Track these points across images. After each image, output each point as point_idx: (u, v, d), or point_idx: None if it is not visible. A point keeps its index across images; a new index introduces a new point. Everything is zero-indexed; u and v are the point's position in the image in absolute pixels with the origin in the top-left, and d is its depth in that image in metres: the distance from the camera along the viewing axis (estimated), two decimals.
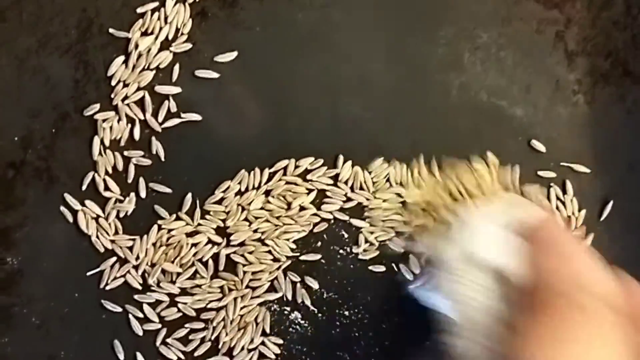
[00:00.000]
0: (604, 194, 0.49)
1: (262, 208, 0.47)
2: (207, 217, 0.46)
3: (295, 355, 0.46)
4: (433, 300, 0.36)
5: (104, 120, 0.47)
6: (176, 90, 0.47)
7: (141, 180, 0.47)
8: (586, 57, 0.49)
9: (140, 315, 0.46)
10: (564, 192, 0.49)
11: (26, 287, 0.46)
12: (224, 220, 0.47)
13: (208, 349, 0.46)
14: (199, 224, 0.47)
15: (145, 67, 0.47)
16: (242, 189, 0.47)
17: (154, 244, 0.46)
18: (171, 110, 0.47)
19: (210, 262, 0.47)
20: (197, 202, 0.46)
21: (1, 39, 0.46)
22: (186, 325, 0.46)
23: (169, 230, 0.47)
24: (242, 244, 0.47)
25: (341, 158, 0.47)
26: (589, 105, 0.49)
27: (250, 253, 0.46)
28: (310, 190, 0.47)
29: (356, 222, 0.47)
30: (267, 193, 0.47)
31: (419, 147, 0.47)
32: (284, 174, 0.47)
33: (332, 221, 0.47)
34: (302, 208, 0.47)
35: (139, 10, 0.47)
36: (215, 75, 0.47)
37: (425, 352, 0.43)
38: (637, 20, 0.49)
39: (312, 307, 0.47)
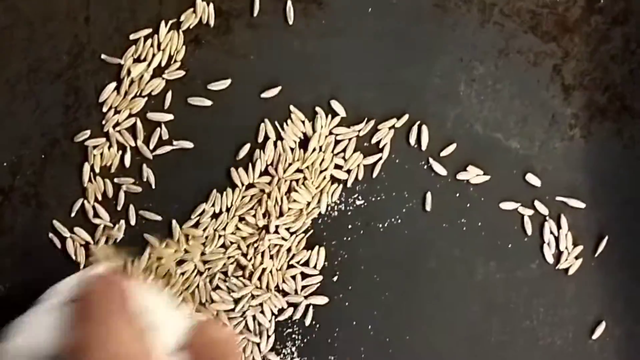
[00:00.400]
0: (599, 229, 0.49)
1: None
2: (190, 242, 0.46)
3: None
4: None
5: (94, 147, 0.46)
6: (168, 117, 0.47)
7: (131, 207, 0.46)
8: (583, 91, 0.48)
9: None
10: (559, 226, 0.48)
11: (15, 314, 0.46)
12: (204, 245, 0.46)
13: None
14: (186, 251, 0.46)
15: (138, 94, 0.47)
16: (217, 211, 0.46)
17: (144, 271, 0.46)
18: (163, 138, 0.47)
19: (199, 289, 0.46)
20: (178, 227, 0.46)
21: None
22: None
23: (158, 259, 0.46)
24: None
25: None
26: (585, 140, 0.49)
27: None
28: None
29: None
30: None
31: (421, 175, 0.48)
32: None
33: None
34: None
35: (132, 36, 0.46)
36: (208, 102, 0.47)
37: None
38: (635, 54, 0.48)
39: None
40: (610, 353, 0.48)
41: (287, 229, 0.47)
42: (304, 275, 0.47)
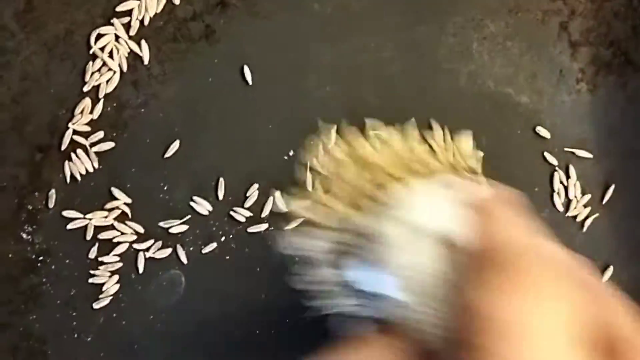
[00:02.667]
0: (605, 179, 0.51)
1: None
2: None
3: None
4: (372, 279, 0.31)
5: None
6: None
7: None
8: (589, 46, 0.51)
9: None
10: (568, 176, 0.51)
11: (53, 266, 0.48)
12: None
13: None
14: None
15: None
16: None
17: None
18: None
19: None
20: None
21: (31, 27, 0.48)
22: None
23: None
24: None
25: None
26: (592, 93, 0.51)
27: None
28: None
29: None
30: None
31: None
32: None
33: None
34: None
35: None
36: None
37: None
38: (637, 11, 0.51)
39: None
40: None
41: None
42: None
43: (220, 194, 0.49)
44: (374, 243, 0.30)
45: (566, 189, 0.51)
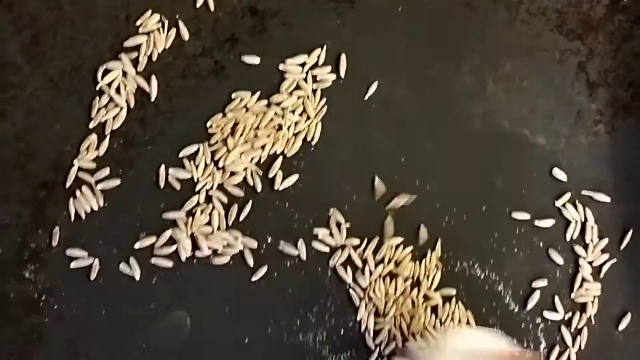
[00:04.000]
0: (624, 223, 0.50)
1: None
2: None
3: None
4: None
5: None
6: None
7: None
8: (607, 87, 0.50)
9: None
10: (585, 220, 0.49)
11: (56, 305, 0.47)
12: None
13: None
14: None
15: None
16: None
17: None
18: None
19: None
20: None
21: (36, 62, 0.47)
22: None
23: None
24: None
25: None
26: (610, 135, 0.50)
27: None
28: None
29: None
30: None
31: (442, 175, 0.49)
32: None
33: None
34: None
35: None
36: None
37: None
38: None
39: None
40: (636, 343, 0.49)
41: None
42: None
43: None
44: None
45: (583, 233, 0.49)
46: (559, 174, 0.49)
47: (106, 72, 0.47)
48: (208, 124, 0.47)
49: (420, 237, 0.48)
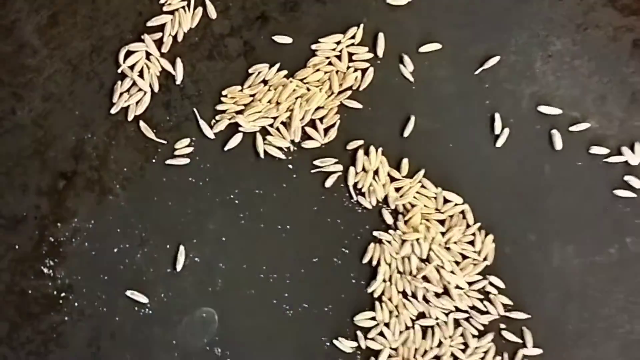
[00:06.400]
0: None
1: None
2: None
3: None
4: None
5: None
6: None
7: None
8: None
9: None
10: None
11: (76, 303, 0.45)
12: None
13: None
14: None
15: None
16: None
17: None
18: None
19: None
20: None
21: (54, 44, 0.45)
22: None
23: None
24: None
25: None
26: None
27: None
28: None
29: None
30: None
31: (486, 158, 0.46)
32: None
33: None
34: None
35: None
36: None
37: None
38: None
39: None
40: None
41: None
42: None
43: None
44: None
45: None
46: (611, 159, 0.46)
47: (128, 54, 0.45)
48: (223, 93, 0.45)
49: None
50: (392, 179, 0.46)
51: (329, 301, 0.45)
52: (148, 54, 0.45)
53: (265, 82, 0.45)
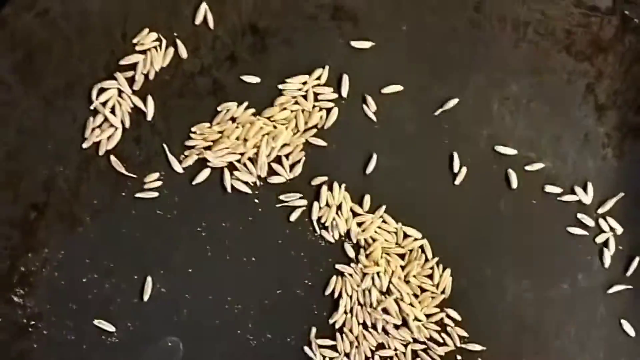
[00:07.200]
0: (631, 250, 0.48)
1: None
2: None
3: None
4: None
5: None
6: None
7: None
8: (616, 110, 0.48)
9: None
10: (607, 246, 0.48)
11: (45, 331, 0.45)
12: None
13: None
14: None
15: None
16: None
17: None
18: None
19: None
20: None
21: (30, 80, 0.46)
22: None
23: None
24: None
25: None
26: (618, 159, 0.48)
27: None
28: None
29: None
30: None
31: (445, 195, 0.48)
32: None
33: None
34: None
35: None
36: None
37: None
38: None
39: None
40: None
41: None
42: None
43: None
44: None
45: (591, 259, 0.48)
46: (565, 197, 0.48)
47: (101, 91, 0.46)
48: (192, 129, 0.46)
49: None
50: (355, 214, 0.47)
51: (292, 332, 0.47)
52: (120, 91, 0.46)
53: (233, 119, 0.47)
